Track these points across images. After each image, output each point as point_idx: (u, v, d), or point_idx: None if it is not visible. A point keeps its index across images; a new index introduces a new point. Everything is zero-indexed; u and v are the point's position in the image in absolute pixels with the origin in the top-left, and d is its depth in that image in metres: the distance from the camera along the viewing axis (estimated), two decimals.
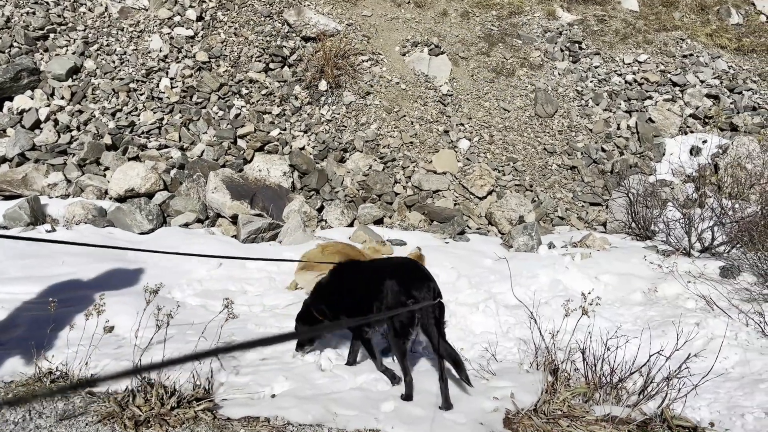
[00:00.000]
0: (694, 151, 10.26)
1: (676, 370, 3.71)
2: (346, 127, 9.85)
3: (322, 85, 10.29)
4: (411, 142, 9.68)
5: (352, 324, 4.14)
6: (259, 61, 10.47)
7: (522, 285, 6.58)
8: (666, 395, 3.74)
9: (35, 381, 3.78)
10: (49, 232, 7.04)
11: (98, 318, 3.97)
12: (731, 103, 11.17)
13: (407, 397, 3.77)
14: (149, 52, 10.08)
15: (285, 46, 10.75)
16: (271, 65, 10.53)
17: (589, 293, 3.88)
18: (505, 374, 4.22)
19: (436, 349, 3.80)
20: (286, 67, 10.59)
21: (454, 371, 3.84)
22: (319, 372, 4.17)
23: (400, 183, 9.16)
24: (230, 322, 4.23)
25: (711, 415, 3.90)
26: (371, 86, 10.50)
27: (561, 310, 5.93)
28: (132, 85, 9.58)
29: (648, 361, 3.98)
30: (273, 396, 3.81)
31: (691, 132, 10.76)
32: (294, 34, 11.00)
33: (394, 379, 4.03)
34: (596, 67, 11.84)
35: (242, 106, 9.82)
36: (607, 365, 4.03)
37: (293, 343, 4.65)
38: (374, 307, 3.93)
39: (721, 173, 9.36)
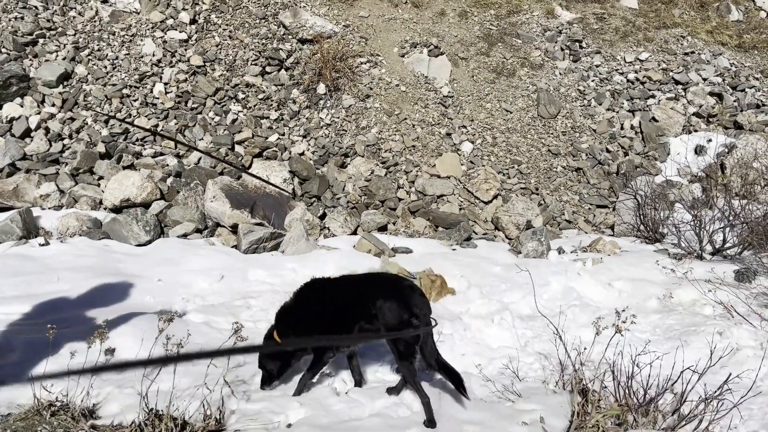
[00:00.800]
0: (699, 151, 10.11)
1: (716, 391, 3.51)
2: (346, 131, 9.61)
3: (321, 89, 10.05)
4: (413, 146, 9.47)
5: (358, 342, 3.88)
6: (255, 64, 10.22)
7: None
8: (703, 417, 3.55)
9: (34, 414, 3.54)
10: (42, 245, 6.77)
11: (101, 344, 3.71)
12: (734, 101, 11.03)
13: (429, 422, 3.55)
14: (142, 57, 9.80)
15: (281, 49, 10.50)
16: (268, 68, 10.28)
17: (623, 311, 3.66)
18: (531, 395, 4.01)
19: (432, 365, 3.68)
20: (282, 71, 10.35)
21: (451, 385, 3.73)
22: (334, 396, 3.94)
23: (403, 188, 8.94)
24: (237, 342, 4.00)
25: None
26: (371, 89, 10.27)
27: (577, 320, 5.79)
28: (125, 91, 9.30)
29: (679, 377, 3.78)
30: (289, 426, 3.58)
31: (695, 131, 10.62)
32: (290, 37, 10.75)
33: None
34: (597, 66, 11.66)
35: (239, 111, 9.57)
36: (637, 383, 3.83)
37: (305, 365, 4.43)
38: (356, 329, 3.72)
39: (728, 173, 9.20)
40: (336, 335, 3.75)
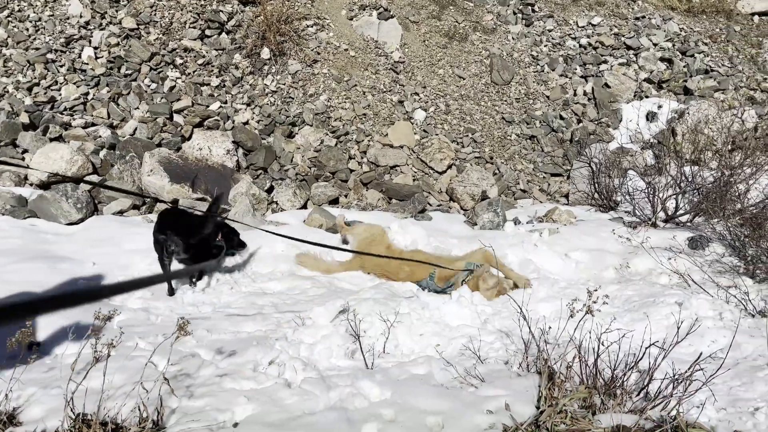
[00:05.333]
0: (651, 117, 10.08)
1: (687, 371, 3.37)
2: (293, 98, 9.13)
3: (265, 53, 9.50)
4: (364, 114, 9.07)
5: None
6: (194, 27, 9.57)
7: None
8: (671, 397, 3.40)
9: None
10: None
11: (23, 342, 3.30)
12: (684, 67, 11.03)
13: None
14: (68, 18, 9.03)
15: (221, 11, 9.86)
16: (207, 32, 9.64)
17: (596, 290, 3.46)
18: (495, 379, 3.79)
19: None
20: (223, 34, 9.73)
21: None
22: (286, 389, 3.64)
23: (354, 159, 8.56)
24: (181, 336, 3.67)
25: (717, 413, 3.59)
26: (318, 53, 9.77)
27: (536, 294, 5.62)
28: (50, 56, 8.55)
29: (644, 354, 3.63)
30: (235, 425, 3.27)
31: (647, 97, 10.57)
32: None
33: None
34: (550, 31, 11.45)
35: (177, 78, 8.95)
36: (603, 362, 3.66)
37: (252, 355, 4.12)
38: None
39: (679, 139, 9.19)
40: None
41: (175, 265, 5.50)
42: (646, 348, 3.63)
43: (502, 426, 3.26)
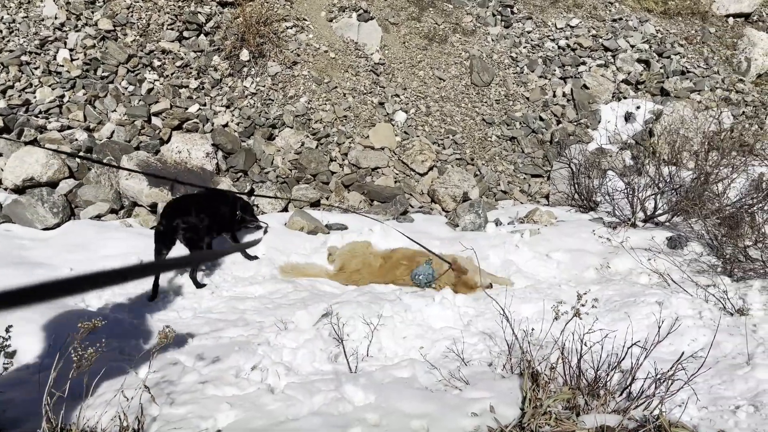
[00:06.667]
0: (629, 118, 10.18)
1: (669, 370, 3.39)
2: (273, 100, 9.07)
3: (244, 55, 9.42)
4: (345, 116, 9.04)
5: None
6: (172, 29, 9.46)
7: None
8: (654, 396, 3.43)
9: None
10: None
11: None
12: (661, 68, 11.16)
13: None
14: (42, 20, 8.86)
15: (200, 12, 9.76)
16: (186, 33, 9.54)
17: (585, 294, 3.46)
18: (479, 381, 3.79)
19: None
20: (202, 36, 9.63)
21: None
22: (269, 395, 3.60)
23: (336, 161, 8.52)
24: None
25: (699, 412, 3.63)
26: (298, 55, 9.72)
27: (519, 295, 5.64)
28: (24, 58, 8.39)
29: (626, 353, 3.66)
30: None
31: (624, 98, 10.68)
32: None
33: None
34: (529, 33, 11.52)
35: (155, 80, 8.84)
36: (586, 363, 3.68)
37: (235, 361, 4.07)
38: None
39: (657, 140, 9.30)
40: None
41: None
42: (628, 348, 3.65)
43: (486, 428, 3.26)
